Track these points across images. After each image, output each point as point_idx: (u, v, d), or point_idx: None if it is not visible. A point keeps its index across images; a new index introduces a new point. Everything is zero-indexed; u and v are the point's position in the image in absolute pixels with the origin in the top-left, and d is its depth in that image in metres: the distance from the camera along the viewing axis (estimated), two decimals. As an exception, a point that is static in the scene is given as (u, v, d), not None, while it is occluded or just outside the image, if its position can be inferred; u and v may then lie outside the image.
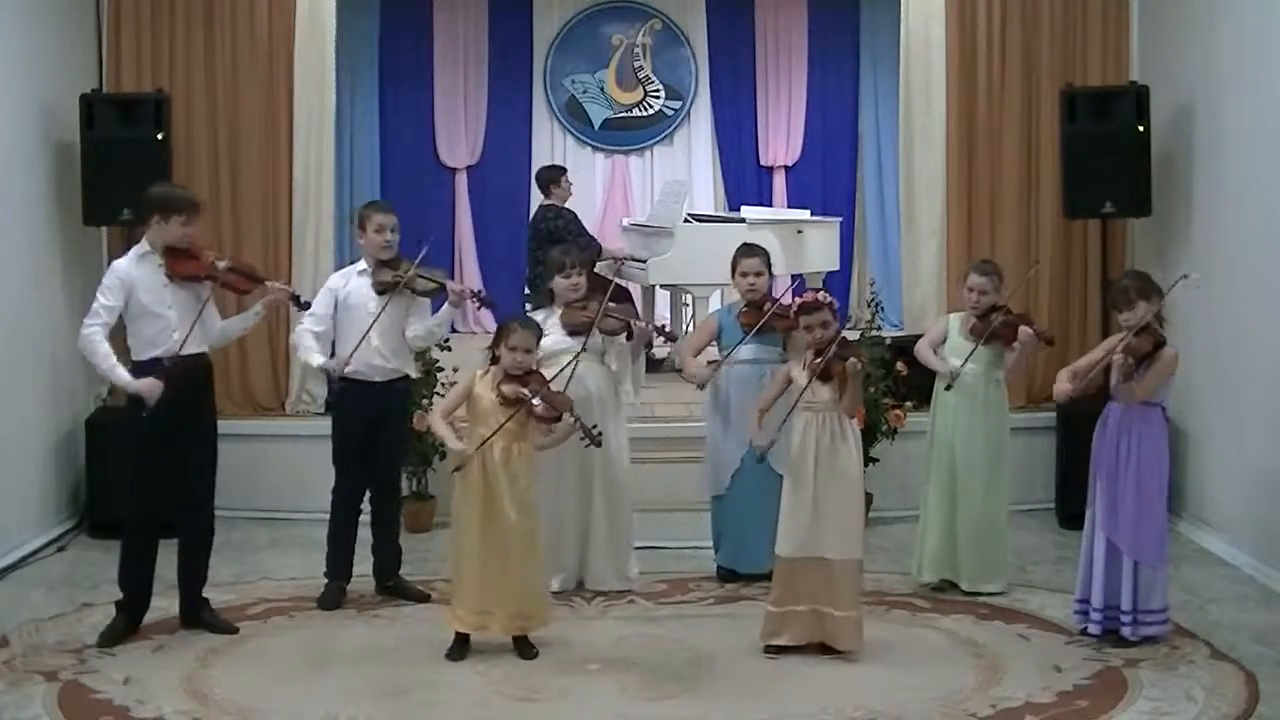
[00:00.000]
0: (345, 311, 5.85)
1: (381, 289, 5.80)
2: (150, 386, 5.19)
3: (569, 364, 5.49)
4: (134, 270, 5.32)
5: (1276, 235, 6.19)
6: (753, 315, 5.95)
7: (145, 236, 5.40)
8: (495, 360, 5.24)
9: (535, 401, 5.09)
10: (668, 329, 6.27)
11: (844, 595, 5.10)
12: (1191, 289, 5.32)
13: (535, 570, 5.27)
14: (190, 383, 5.33)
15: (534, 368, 5.25)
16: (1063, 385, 5.28)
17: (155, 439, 5.30)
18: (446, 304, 5.91)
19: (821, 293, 5.32)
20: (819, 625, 5.15)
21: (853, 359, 5.08)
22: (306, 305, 5.81)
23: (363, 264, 5.94)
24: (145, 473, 5.38)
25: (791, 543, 5.15)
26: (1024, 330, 5.80)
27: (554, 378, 5.32)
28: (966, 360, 5.81)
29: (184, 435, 5.36)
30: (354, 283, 5.89)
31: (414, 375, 6.16)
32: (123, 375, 5.27)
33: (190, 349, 5.31)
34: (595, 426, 5.23)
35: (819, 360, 5.12)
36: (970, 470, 5.86)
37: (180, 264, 5.33)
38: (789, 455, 5.23)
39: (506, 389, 5.13)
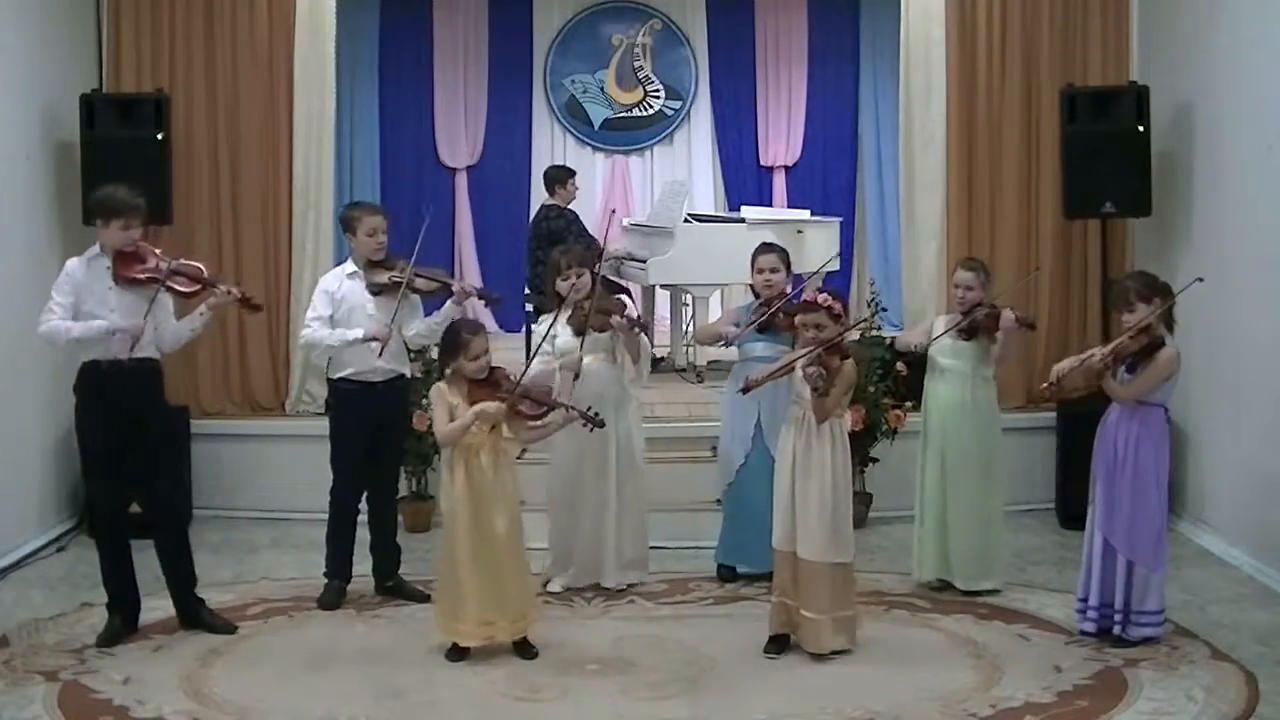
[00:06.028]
0: (343, 315, 5.79)
1: (378, 290, 5.77)
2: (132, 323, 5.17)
3: (531, 358, 5.54)
4: (82, 271, 5.30)
5: (1276, 236, 6.19)
6: (764, 311, 5.98)
7: (98, 238, 5.36)
8: (449, 372, 5.17)
9: (521, 406, 5.12)
10: (640, 318, 6.25)
11: (811, 596, 5.10)
12: (1193, 290, 5.30)
13: (526, 570, 5.30)
14: (135, 387, 5.29)
15: (493, 365, 5.21)
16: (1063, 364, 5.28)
17: (100, 442, 5.31)
18: (449, 302, 5.85)
19: (823, 294, 5.26)
20: (788, 618, 5.19)
21: (849, 362, 5.10)
22: (258, 307, 5.72)
23: (351, 266, 5.87)
24: (92, 472, 5.44)
25: (776, 535, 5.22)
26: (1005, 315, 5.78)
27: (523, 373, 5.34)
28: (945, 348, 5.81)
29: (133, 437, 5.31)
30: (346, 285, 5.83)
31: (408, 375, 6.11)
32: (99, 324, 5.21)
33: (137, 353, 5.26)
34: (590, 408, 5.28)
35: (802, 358, 5.14)
36: (962, 468, 5.85)
37: (126, 267, 5.27)
38: (778, 450, 5.30)
39: (484, 399, 5.08)
